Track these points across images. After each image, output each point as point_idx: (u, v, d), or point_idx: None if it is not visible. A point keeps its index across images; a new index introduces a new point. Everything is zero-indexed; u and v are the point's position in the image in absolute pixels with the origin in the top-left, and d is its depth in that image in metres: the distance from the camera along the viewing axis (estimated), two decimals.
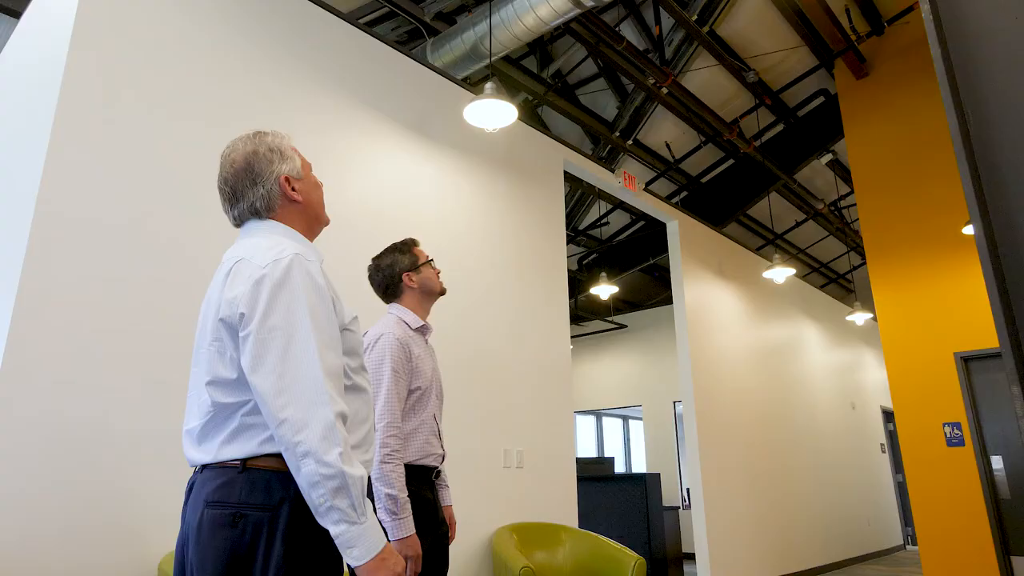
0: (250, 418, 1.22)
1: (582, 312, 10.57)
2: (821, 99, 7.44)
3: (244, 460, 1.21)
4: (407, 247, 2.23)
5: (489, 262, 4.17)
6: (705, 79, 6.67)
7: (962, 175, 1.07)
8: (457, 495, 3.54)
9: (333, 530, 1.15)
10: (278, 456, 1.20)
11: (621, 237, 8.97)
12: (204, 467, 1.25)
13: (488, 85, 3.39)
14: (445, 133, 4.07)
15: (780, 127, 7.68)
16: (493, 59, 4.73)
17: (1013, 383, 0.96)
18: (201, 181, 2.84)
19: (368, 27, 3.92)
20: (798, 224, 9.55)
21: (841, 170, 8.42)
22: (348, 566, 1.22)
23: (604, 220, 8.60)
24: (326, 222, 1.50)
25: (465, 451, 3.67)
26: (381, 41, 3.82)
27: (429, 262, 2.25)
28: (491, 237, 4.23)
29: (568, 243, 8.64)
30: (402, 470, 1.94)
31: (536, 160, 4.74)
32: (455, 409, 3.69)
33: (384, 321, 2.13)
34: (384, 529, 1.72)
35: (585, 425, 11.54)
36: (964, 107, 1.18)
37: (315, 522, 1.19)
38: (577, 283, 9.58)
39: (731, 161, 7.91)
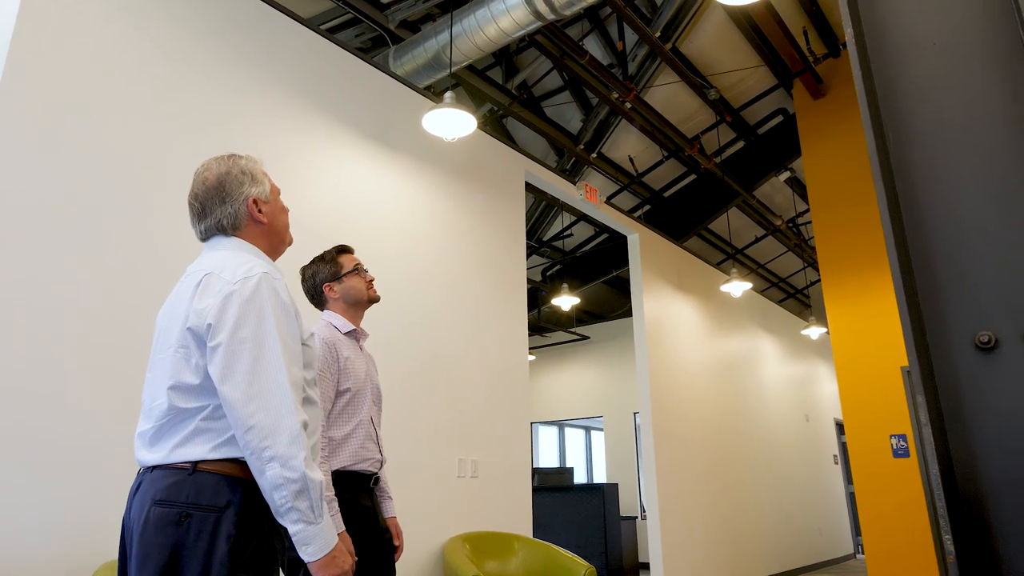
0: (206, 423, 1.29)
1: (545, 323, 10.61)
2: (780, 118, 7.62)
3: (195, 463, 1.27)
4: (331, 256, 2.22)
5: (447, 270, 4.17)
6: (668, 95, 6.78)
7: (878, 192, 1.12)
8: (409, 504, 3.52)
9: (291, 528, 1.24)
10: (227, 461, 1.28)
11: (585, 249, 9.05)
12: (154, 468, 1.30)
13: (447, 94, 3.41)
14: (406, 141, 4.07)
15: (740, 144, 7.84)
16: (457, 68, 4.75)
17: (919, 393, 1.00)
18: (151, 186, 2.80)
19: (330, 33, 3.92)
20: (758, 240, 9.74)
21: (799, 187, 8.62)
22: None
23: (568, 232, 8.67)
24: (289, 243, 1.59)
25: (419, 460, 3.66)
26: (342, 47, 3.82)
27: (356, 270, 2.22)
28: (450, 245, 4.23)
29: (532, 254, 8.68)
30: (325, 468, 1.93)
31: (497, 170, 4.77)
32: (408, 418, 3.68)
33: (315, 326, 2.13)
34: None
35: (547, 435, 11.57)
36: (884, 128, 1.23)
37: (257, 526, 1.28)
38: (540, 294, 9.62)
39: (692, 176, 8.05)
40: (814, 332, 8.97)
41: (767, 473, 8.06)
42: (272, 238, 1.53)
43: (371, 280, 2.26)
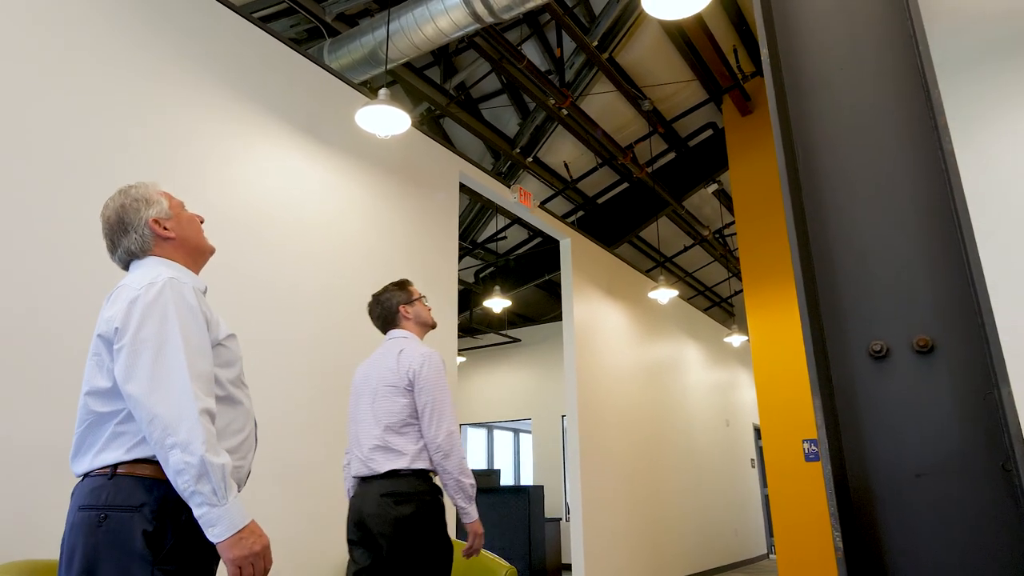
0: (121, 427, 1.36)
1: (477, 325, 10.62)
2: (710, 132, 7.88)
3: (114, 467, 1.34)
4: (403, 285, 2.59)
5: (377, 269, 4.12)
6: (603, 104, 6.91)
7: (785, 208, 1.18)
8: (329, 506, 3.46)
9: (196, 512, 1.29)
10: (143, 462, 1.35)
11: (518, 252, 9.11)
12: (85, 476, 1.38)
13: (382, 91, 3.37)
14: (338, 136, 4.01)
15: (672, 155, 8.06)
16: (394, 66, 4.71)
17: (815, 397, 1.06)
18: (72, 186, 2.66)
19: (264, 22, 3.82)
20: (686, 249, 10.03)
21: (726, 200, 8.93)
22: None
23: (502, 235, 8.71)
24: (210, 250, 1.67)
25: (341, 462, 3.59)
26: (274, 37, 3.72)
27: (422, 298, 2.60)
28: (381, 244, 4.19)
29: (465, 256, 8.67)
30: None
31: (432, 170, 4.75)
32: (333, 420, 3.61)
33: (411, 341, 2.45)
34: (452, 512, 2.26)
35: (476, 437, 11.57)
36: (796, 146, 1.30)
37: (175, 520, 1.34)
38: (473, 296, 9.63)
39: (625, 185, 8.22)
40: (736, 340, 9.31)
41: (689, 476, 8.29)
42: (186, 248, 1.60)
43: (430, 309, 2.64)
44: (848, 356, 1.12)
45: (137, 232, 1.54)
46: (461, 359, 10.98)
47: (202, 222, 1.67)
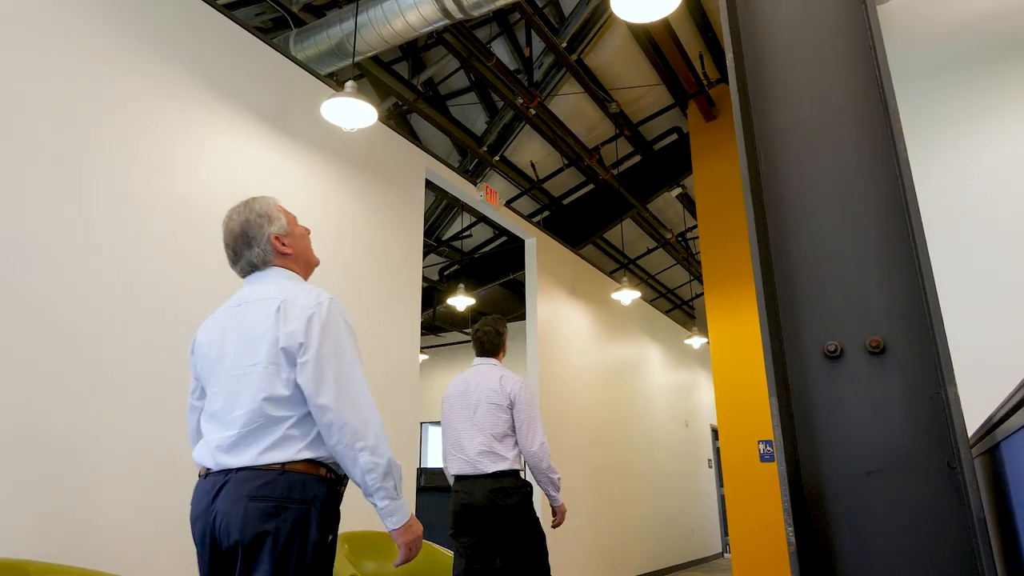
0: (293, 430, 1.55)
1: (440, 323, 10.58)
2: (675, 136, 7.98)
3: (284, 464, 1.52)
4: (506, 323, 3.22)
5: (338, 263, 4.08)
6: (571, 105, 6.95)
7: (747, 206, 1.20)
8: None
9: (380, 504, 1.56)
10: (309, 462, 1.55)
11: (484, 250, 9.10)
12: (239, 469, 1.52)
13: (348, 84, 3.34)
14: (302, 128, 3.95)
15: (637, 158, 8.14)
16: (361, 59, 4.66)
17: (772, 395, 1.08)
18: (35, 182, 2.56)
19: (228, 9, 3.75)
20: (649, 251, 10.15)
21: (689, 204, 9.06)
22: None
23: (467, 232, 8.69)
24: (316, 263, 1.85)
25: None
26: (239, 25, 3.65)
27: None
28: (344, 238, 4.14)
29: (430, 253, 8.63)
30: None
31: (398, 166, 4.71)
32: None
33: (504, 369, 3.11)
34: (552, 498, 3.01)
35: (437, 436, 11.52)
36: (758, 152, 1.32)
37: (335, 516, 1.59)
38: (437, 293, 9.59)
39: (591, 186, 8.28)
40: (696, 342, 9.44)
41: (649, 476, 8.39)
42: (300, 263, 1.78)
43: None
44: (804, 356, 1.14)
45: (260, 247, 1.71)
46: (424, 357, 10.93)
47: (309, 233, 1.83)
